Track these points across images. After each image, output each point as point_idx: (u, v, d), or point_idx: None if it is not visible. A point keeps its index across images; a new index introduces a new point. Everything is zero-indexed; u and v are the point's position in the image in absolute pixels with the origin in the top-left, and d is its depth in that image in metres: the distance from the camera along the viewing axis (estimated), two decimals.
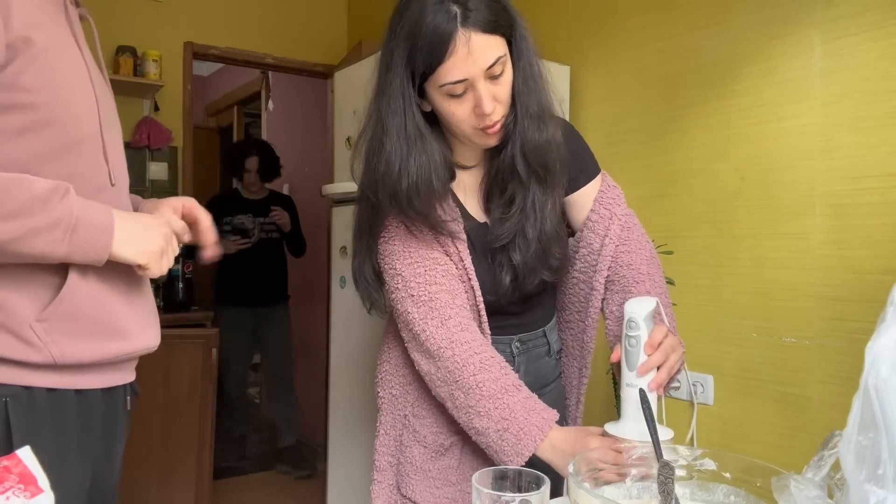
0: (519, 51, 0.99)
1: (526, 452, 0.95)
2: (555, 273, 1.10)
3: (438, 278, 1.02)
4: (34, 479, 0.61)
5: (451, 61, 0.91)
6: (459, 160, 1.09)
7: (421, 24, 0.91)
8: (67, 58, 0.87)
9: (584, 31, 2.16)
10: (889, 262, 1.41)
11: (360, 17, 3.58)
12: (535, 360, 1.18)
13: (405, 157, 0.97)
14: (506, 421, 0.96)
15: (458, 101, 0.95)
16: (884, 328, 0.55)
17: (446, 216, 1.03)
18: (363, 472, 2.23)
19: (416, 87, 0.97)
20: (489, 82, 0.94)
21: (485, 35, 0.91)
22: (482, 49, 0.91)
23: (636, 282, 1.10)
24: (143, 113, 3.12)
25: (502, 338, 1.13)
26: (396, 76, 0.96)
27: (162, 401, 2.59)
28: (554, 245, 1.06)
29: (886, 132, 1.42)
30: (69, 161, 0.86)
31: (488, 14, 0.91)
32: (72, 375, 0.85)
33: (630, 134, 1.98)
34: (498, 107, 0.96)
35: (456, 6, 0.90)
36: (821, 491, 0.59)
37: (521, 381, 1.02)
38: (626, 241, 1.13)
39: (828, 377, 1.51)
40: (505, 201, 1.06)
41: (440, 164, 0.99)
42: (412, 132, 0.97)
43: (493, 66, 0.92)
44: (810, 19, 1.55)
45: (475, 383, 0.98)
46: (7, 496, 0.58)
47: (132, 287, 0.93)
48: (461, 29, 0.89)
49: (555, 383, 1.23)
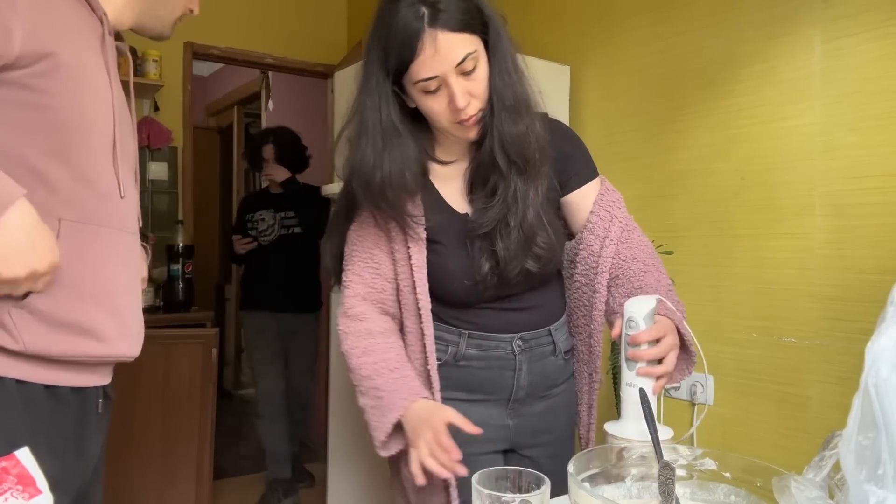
0: (494, 46, 1.03)
1: (388, 426, 1.05)
2: (539, 263, 1.09)
3: (364, 273, 1.14)
4: (32, 481, 0.61)
5: (420, 59, 0.97)
6: (443, 154, 1.14)
7: (392, 24, 0.97)
8: (92, 77, 0.90)
9: (584, 31, 2.16)
10: (889, 262, 1.41)
11: (360, 17, 3.58)
12: (538, 359, 1.17)
13: (380, 152, 1.03)
14: (377, 399, 1.07)
15: (433, 96, 1.01)
16: (884, 328, 0.55)
17: (415, 211, 1.09)
18: (363, 473, 2.23)
19: (393, 85, 1.03)
20: (462, 78, 0.99)
21: (453, 33, 0.96)
22: (450, 47, 0.96)
23: (643, 272, 1.10)
24: (143, 113, 3.12)
25: (503, 335, 1.14)
26: (373, 74, 1.03)
27: (162, 401, 2.59)
28: (538, 233, 1.08)
29: (886, 132, 1.42)
30: (77, 163, 0.87)
31: (458, 13, 0.96)
32: (42, 369, 0.84)
33: (630, 134, 1.98)
34: (473, 101, 1.01)
35: (424, 7, 0.95)
36: (821, 491, 0.59)
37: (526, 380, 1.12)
38: (626, 240, 1.14)
39: (828, 377, 1.51)
40: (487, 192, 1.09)
41: (413, 160, 1.05)
42: (388, 128, 1.04)
43: (462, 62, 0.97)
44: (810, 19, 1.55)
45: (357, 366, 1.11)
46: (6, 497, 0.58)
47: (119, 293, 0.93)
48: (428, 28, 0.95)
49: (565, 385, 1.22)
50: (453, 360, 1.15)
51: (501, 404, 1.17)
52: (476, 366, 1.15)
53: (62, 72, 0.84)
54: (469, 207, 1.13)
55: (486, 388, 1.16)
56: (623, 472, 0.80)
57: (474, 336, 1.14)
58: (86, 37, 0.91)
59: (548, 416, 1.20)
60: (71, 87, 0.85)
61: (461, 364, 1.15)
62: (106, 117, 0.91)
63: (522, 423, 1.19)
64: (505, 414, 1.18)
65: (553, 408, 1.21)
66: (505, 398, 1.17)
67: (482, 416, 1.14)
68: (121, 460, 2.56)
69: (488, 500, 0.68)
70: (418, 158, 1.07)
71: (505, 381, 1.15)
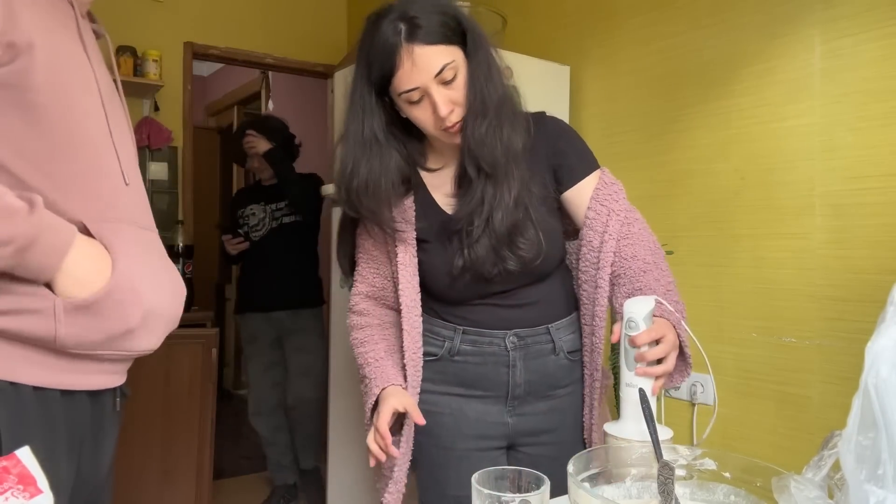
0: (471, 55, 1.07)
1: (367, 410, 1.16)
2: (520, 262, 1.10)
3: (366, 273, 1.23)
4: (33, 480, 0.61)
5: (400, 73, 1.03)
6: (436, 159, 1.20)
7: (374, 39, 1.05)
8: (73, 64, 0.87)
9: (584, 31, 2.16)
10: (889, 262, 1.41)
11: (360, 17, 3.57)
12: (535, 357, 1.17)
13: (358, 160, 1.10)
14: (365, 385, 1.17)
15: (417, 106, 1.07)
16: (884, 328, 0.55)
17: (398, 217, 1.15)
18: (363, 472, 2.23)
19: (380, 97, 1.10)
20: (443, 87, 1.05)
21: (429, 46, 1.02)
22: (426, 60, 1.02)
23: (642, 271, 1.10)
24: (143, 113, 3.12)
25: (496, 332, 1.15)
26: (357, 88, 1.10)
27: (162, 401, 2.59)
28: (515, 233, 1.10)
29: (886, 132, 1.42)
30: (78, 160, 0.86)
31: (435, 26, 1.03)
32: (58, 373, 0.84)
33: (630, 134, 1.98)
34: (457, 108, 1.07)
35: (402, 23, 1.02)
36: (821, 491, 0.59)
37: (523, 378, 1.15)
38: (627, 235, 1.13)
39: (828, 377, 1.51)
40: (462, 193, 1.14)
41: (393, 169, 1.11)
42: (368, 138, 1.10)
43: (441, 73, 1.03)
44: (810, 19, 1.55)
45: (356, 356, 1.22)
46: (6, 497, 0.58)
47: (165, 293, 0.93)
48: (405, 44, 1.02)
49: (572, 387, 1.21)
50: (448, 356, 1.17)
51: (500, 401, 1.18)
52: (471, 361, 1.17)
53: (43, 63, 0.81)
54: (454, 208, 1.17)
55: (482, 384, 1.17)
56: (623, 472, 0.80)
57: (469, 332, 1.16)
58: (60, 22, 0.87)
59: (552, 417, 1.20)
60: (53, 80, 0.82)
61: (456, 359, 1.17)
62: (95, 107, 0.89)
63: (522, 421, 1.19)
64: (504, 411, 1.18)
65: (557, 409, 1.20)
66: (502, 395, 1.17)
67: (480, 412, 1.18)
68: (121, 460, 2.56)
69: (488, 500, 0.68)
70: (400, 167, 1.13)
71: (500, 378, 1.16)
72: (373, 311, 1.23)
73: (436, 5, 1.05)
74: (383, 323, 1.23)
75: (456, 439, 1.18)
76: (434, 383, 1.18)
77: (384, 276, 1.21)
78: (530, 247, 1.10)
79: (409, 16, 1.02)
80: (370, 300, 1.24)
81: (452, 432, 1.18)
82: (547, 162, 1.16)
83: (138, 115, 3.10)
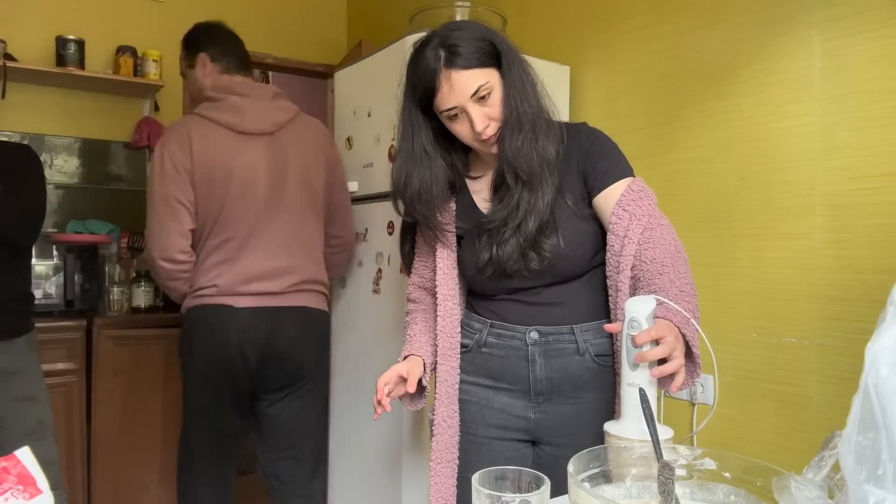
0: (505, 74, 1.17)
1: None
2: (543, 262, 1.19)
3: (418, 266, 1.41)
4: (33, 480, 0.61)
5: (439, 95, 1.15)
6: (478, 166, 1.32)
7: (418, 64, 1.17)
8: None
9: (584, 31, 2.16)
10: (889, 262, 1.41)
11: (360, 17, 3.59)
12: (556, 355, 1.21)
13: (410, 173, 1.24)
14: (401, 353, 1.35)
15: (457, 121, 1.18)
16: (884, 328, 0.55)
17: (444, 220, 1.29)
18: (363, 471, 2.23)
19: (425, 114, 1.22)
20: (478, 105, 1.15)
21: (466, 71, 1.13)
22: (462, 83, 1.13)
23: (658, 273, 1.11)
24: (143, 113, 3.12)
25: (518, 327, 1.23)
26: (406, 107, 1.24)
27: (162, 400, 2.59)
28: (542, 237, 1.18)
29: (886, 132, 1.42)
30: None
31: (472, 52, 1.13)
32: None
33: (630, 134, 1.98)
34: (492, 123, 1.17)
35: (442, 50, 1.14)
36: (821, 491, 0.59)
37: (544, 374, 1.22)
38: (648, 240, 1.15)
39: (827, 377, 1.51)
40: (498, 198, 1.24)
41: (441, 178, 1.26)
42: (418, 152, 1.24)
43: (476, 93, 1.14)
44: (810, 19, 1.55)
45: (405, 327, 1.42)
46: (6, 497, 0.58)
47: None
48: (444, 69, 1.13)
49: (603, 394, 1.22)
50: (477, 347, 1.29)
51: (524, 396, 1.24)
52: (496, 354, 1.26)
53: None
54: (490, 210, 1.27)
55: (507, 377, 1.25)
56: (623, 472, 0.80)
57: (496, 325, 1.26)
58: None
59: (575, 422, 1.22)
60: None
61: (483, 351, 1.28)
62: None
63: (545, 419, 1.23)
64: (528, 407, 1.25)
65: (581, 414, 1.22)
66: (525, 390, 1.24)
67: (505, 404, 1.27)
68: (121, 460, 2.56)
69: (488, 499, 0.68)
70: (447, 174, 1.27)
71: (521, 372, 1.23)
72: (422, 298, 1.40)
73: (473, 31, 1.16)
74: (429, 308, 1.39)
75: (479, 427, 1.28)
76: (467, 373, 1.30)
77: (432, 269, 1.36)
78: (552, 248, 1.18)
79: (448, 43, 1.13)
80: (421, 290, 1.41)
81: (476, 419, 1.28)
82: (577, 168, 1.22)
83: (138, 115, 3.10)
